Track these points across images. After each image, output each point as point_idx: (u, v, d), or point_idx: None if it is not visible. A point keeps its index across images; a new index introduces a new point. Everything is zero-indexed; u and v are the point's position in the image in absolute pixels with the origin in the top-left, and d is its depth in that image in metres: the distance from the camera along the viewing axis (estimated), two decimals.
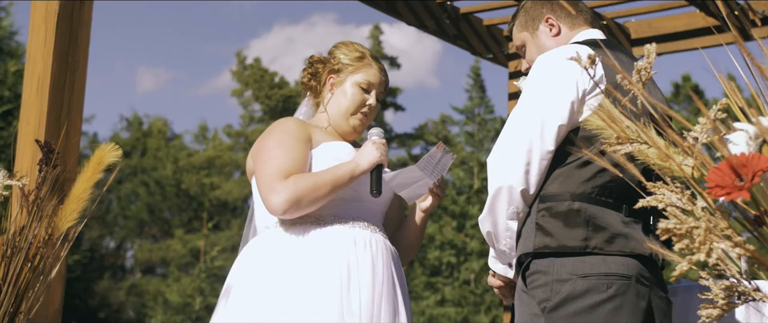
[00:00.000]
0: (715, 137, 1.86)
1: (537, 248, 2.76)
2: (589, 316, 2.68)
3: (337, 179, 3.04)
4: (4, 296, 3.12)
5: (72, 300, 25.23)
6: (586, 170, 2.77)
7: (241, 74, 34.80)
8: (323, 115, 3.32)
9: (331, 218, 3.09)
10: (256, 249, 3.13)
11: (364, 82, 3.29)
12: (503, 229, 2.85)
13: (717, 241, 1.74)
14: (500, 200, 2.80)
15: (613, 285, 2.69)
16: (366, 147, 3.14)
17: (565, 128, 2.77)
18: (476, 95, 32.26)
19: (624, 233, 2.74)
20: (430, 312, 27.73)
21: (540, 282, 2.76)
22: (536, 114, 2.78)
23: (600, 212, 2.75)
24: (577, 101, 2.77)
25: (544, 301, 2.74)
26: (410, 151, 32.84)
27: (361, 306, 2.96)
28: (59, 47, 3.93)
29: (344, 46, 3.37)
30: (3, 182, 3.15)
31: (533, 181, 2.77)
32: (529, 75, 2.91)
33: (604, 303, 2.68)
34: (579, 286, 2.70)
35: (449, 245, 28.79)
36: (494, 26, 6.52)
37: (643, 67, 2.00)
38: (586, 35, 3.01)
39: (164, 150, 35.29)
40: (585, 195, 2.75)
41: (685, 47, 6.35)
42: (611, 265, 2.71)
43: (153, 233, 34.85)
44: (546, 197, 2.79)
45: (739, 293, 1.84)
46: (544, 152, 2.76)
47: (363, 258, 3.04)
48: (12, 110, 20.49)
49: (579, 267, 2.71)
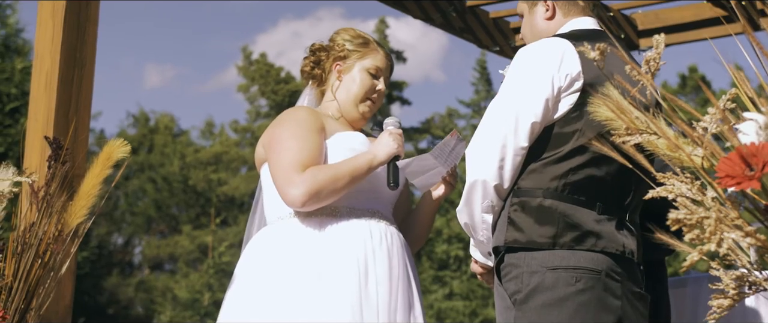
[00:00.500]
0: (724, 127, 1.86)
1: (507, 242, 2.79)
2: (558, 309, 2.69)
3: (355, 171, 3.02)
4: (15, 292, 3.13)
5: (81, 297, 25.28)
6: (559, 167, 2.79)
7: (247, 70, 34.81)
8: (331, 103, 3.29)
9: (346, 211, 3.07)
10: (269, 240, 3.09)
11: (372, 67, 3.27)
12: (479, 221, 2.87)
13: (727, 231, 1.74)
14: (476, 194, 2.83)
15: (581, 278, 2.71)
16: (383, 138, 3.12)
17: (538, 125, 2.79)
18: (482, 88, 32.24)
19: (595, 232, 2.75)
20: (439, 306, 27.74)
21: (512, 275, 2.78)
22: (511, 109, 2.79)
23: (572, 210, 2.76)
24: (552, 98, 2.78)
25: (515, 293, 2.76)
26: (417, 145, 32.83)
27: (379, 300, 2.96)
28: (67, 44, 3.93)
29: (346, 33, 3.34)
30: (12, 179, 3.16)
31: (507, 176, 2.80)
32: (509, 67, 2.93)
33: (572, 296, 2.70)
34: (548, 278, 2.72)
35: (457, 238, 28.78)
36: (501, 19, 6.51)
37: (652, 57, 1.99)
38: (578, 24, 3.01)
39: (171, 146, 35.33)
40: (556, 192, 2.77)
41: (692, 38, 6.32)
42: (580, 259, 2.73)
43: (161, 229, 34.91)
44: (519, 191, 2.81)
45: (749, 283, 1.84)
46: (517, 148, 2.78)
47: (380, 252, 3.03)
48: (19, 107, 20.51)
49: (548, 260, 2.73)
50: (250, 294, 3.00)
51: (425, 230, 3.36)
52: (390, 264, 3.04)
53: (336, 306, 2.90)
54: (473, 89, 32.68)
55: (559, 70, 2.78)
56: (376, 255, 3.02)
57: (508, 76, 2.89)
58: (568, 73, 2.77)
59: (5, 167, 3.17)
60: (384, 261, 3.03)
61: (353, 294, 2.92)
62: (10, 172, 3.17)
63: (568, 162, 2.78)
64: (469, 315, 27.64)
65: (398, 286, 3.03)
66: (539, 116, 2.77)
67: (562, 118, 2.79)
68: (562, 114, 2.79)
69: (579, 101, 2.76)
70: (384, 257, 3.03)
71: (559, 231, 2.74)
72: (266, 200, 3.20)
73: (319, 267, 2.96)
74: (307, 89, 3.42)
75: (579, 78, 2.77)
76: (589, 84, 2.73)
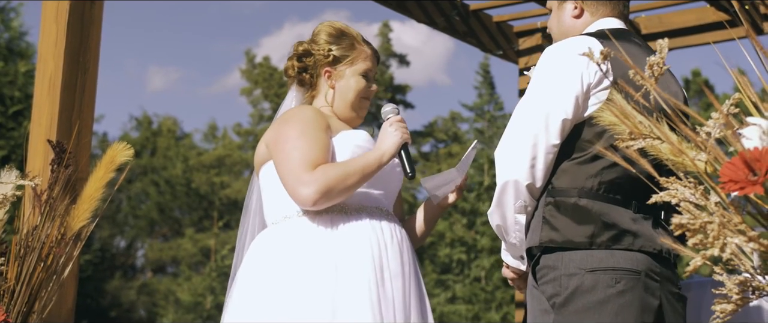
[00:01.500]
0: (728, 131, 1.85)
1: (543, 242, 2.77)
2: (599, 312, 2.67)
3: (366, 168, 3.00)
4: (18, 295, 3.13)
5: (83, 300, 25.29)
6: (593, 165, 2.76)
7: (250, 73, 34.83)
8: (326, 108, 3.24)
9: (356, 208, 3.05)
10: (280, 238, 3.04)
11: (363, 70, 3.24)
12: (512, 223, 2.85)
13: (731, 236, 1.73)
14: (507, 195, 2.81)
15: (621, 279, 2.68)
16: (385, 131, 3.09)
17: (569, 122, 2.77)
18: (486, 91, 32.22)
19: (632, 231, 2.73)
20: (441, 310, 27.71)
21: (549, 278, 2.76)
22: (541, 108, 2.78)
23: (607, 209, 2.74)
24: (582, 94, 2.76)
25: (554, 297, 2.73)
26: (420, 148, 32.83)
27: (395, 296, 2.96)
28: (70, 47, 3.94)
29: (326, 34, 3.26)
30: (16, 182, 3.16)
31: (539, 175, 2.77)
32: (536, 68, 2.91)
33: (613, 298, 2.67)
34: (587, 280, 2.69)
35: (460, 242, 28.76)
36: (504, 23, 6.51)
37: (656, 62, 1.99)
38: (604, 24, 3.00)
39: (174, 149, 35.34)
40: (592, 192, 2.75)
41: (695, 42, 6.32)
42: (619, 260, 2.70)
43: (163, 232, 34.91)
44: (554, 191, 2.79)
45: (753, 288, 1.84)
46: (549, 145, 2.76)
47: (391, 248, 3.03)
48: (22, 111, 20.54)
49: (587, 262, 2.71)
50: (264, 295, 2.95)
51: (426, 232, 3.34)
52: (402, 259, 3.04)
53: (356, 303, 2.88)
54: (476, 93, 32.67)
55: (588, 68, 2.76)
56: (389, 250, 3.02)
57: (536, 76, 2.88)
58: (597, 71, 2.75)
59: (8, 171, 3.17)
60: (396, 256, 3.03)
61: (372, 290, 2.91)
62: (13, 175, 3.17)
63: (602, 161, 2.75)
64: (472, 319, 27.61)
65: (410, 281, 3.03)
66: (570, 113, 2.76)
67: (592, 116, 2.77)
68: (592, 112, 2.77)
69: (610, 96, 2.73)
70: (396, 253, 3.03)
71: (596, 231, 2.72)
72: (269, 200, 3.16)
73: (335, 264, 2.93)
74: (292, 91, 3.35)
75: (608, 75, 2.76)
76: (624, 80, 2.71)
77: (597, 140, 2.75)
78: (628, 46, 2.88)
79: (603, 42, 2.78)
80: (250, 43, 58.34)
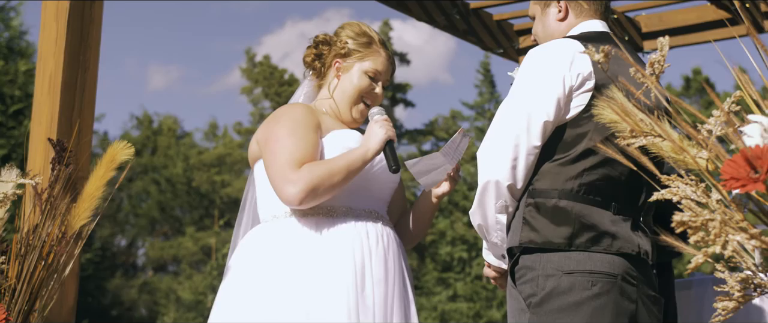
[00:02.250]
0: (729, 129, 1.85)
1: (523, 242, 2.78)
2: (573, 313, 2.69)
3: (351, 165, 3.00)
4: (19, 294, 3.13)
5: (84, 299, 25.31)
6: (574, 167, 2.78)
7: (250, 71, 34.84)
8: (327, 100, 3.25)
9: (342, 210, 3.05)
10: (264, 239, 3.07)
11: (371, 70, 3.22)
12: (493, 222, 2.87)
13: (732, 233, 1.73)
14: (488, 195, 2.83)
15: (597, 282, 2.71)
16: (371, 129, 3.08)
17: (551, 124, 2.79)
18: (486, 90, 32.22)
19: (611, 233, 2.75)
20: (442, 308, 27.73)
21: (527, 278, 2.78)
22: (523, 109, 2.79)
23: (587, 211, 2.76)
24: (564, 97, 2.78)
25: (531, 296, 2.76)
26: (420, 147, 32.83)
27: (375, 301, 2.95)
28: (70, 46, 3.93)
29: (351, 29, 3.28)
30: (16, 181, 3.16)
31: (520, 176, 2.79)
32: (520, 69, 2.92)
33: (588, 301, 2.69)
34: (564, 282, 2.71)
35: (461, 240, 28.78)
36: (504, 21, 6.51)
37: (656, 60, 1.99)
38: (588, 26, 3.01)
39: (175, 148, 35.37)
40: (572, 193, 2.77)
41: (696, 40, 6.31)
42: (597, 263, 2.72)
43: (164, 231, 34.93)
44: (534, 192, 2.81)
45: (754, 285, 1.84)
46: (530, 147, 2.78)
47: (376, 253, 3.02)
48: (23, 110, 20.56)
49: (564, 264, 2.73)
50: (244, 294, 2.98)
51: (424, 227, 3.33)
52: (386, 265, 3.03)
53: (332, 308, 2.89)
54: (477, 92, 32.66)
55: (570, 70, 2.78)
56: (373, 256, 3.01)
57: (519, 77, 2.89)
58: (580, 73, 2.77)
59: (9, 170, 3.17)
60: (380, 262, 3.02)
61: (350, 295, 2.91)
62: (14, 174, 3.17)
63: (583, 163, 2.77)
64: (473, 317, 27.63)
65: (394, 287, 3.02)
66: (551, 114, 2.77)
67: (574, 118, 2.79)
68: (574, 115, 2.78)
69: (591, 101, 2.75)
70: (380, 258, 3.02)
71: (575, 232, 2.74)
72: (260, 198, 3.17)
73: (315, 268, 2.95)
74: (306, 80, 3.38)
75: (590, 78, 2.77)
76: (601, 84, 2.72)
77: (579, 142, 2.77)
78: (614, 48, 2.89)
79: (586, 45, 2.78)
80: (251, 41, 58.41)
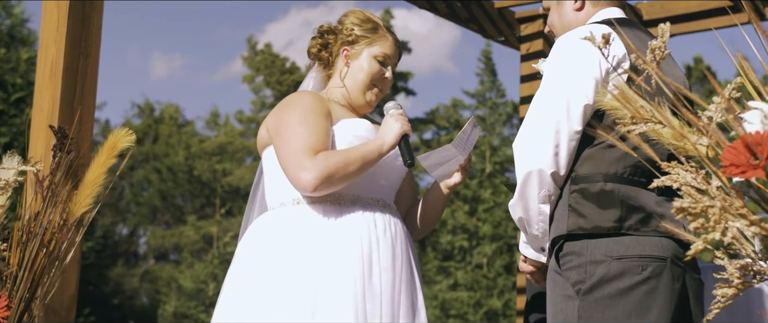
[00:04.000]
0: (729, 116, 1.85)
1: (571, 229, 2.73)
2: (624, 298, 2.65)
3: (366, 156, 3.00)
4: (20, 281, 3.14)
5: (86, 287, 25.34)
6: (616, 149, 2.72)
7: (251, 60, 34.81)
8: (338, 89, 3.26)
9: (350, 199, 3.05)
10: (272, 226, 3.06)
11: (380, 54, 3.24)
12: (535, 213, 2.81)
13: (732, 220, 1.73)
14: (531, 185, 2.75)
15: (648, 266, 2.66)
16: (386, 123, 3.10)
17: (591, 107, 2.73)
18: (487, 78, 32.19)
19: (659, 213, 2.70)
20: (443, 297, 27.76)
21: (574, 264, 2.72)
22: (561, 94, 2.73)
23: (634, 192, 2.71)
24: (601, 80, 2.73)
25: (579, 283, 2.70)
26: (421, 135, 32.83)
27: (383, 290, 2.95)
28: (72, 32, 3.93)
29: (355, 16, 3.29)
30: (17, 168, 3.16)
31: (563, 163, 2.73)
32: (550, 57, 2.89)
33: (639, 285, 2.65)
34: (614, 268, 2.66)
35: (461, 229, 28.79)
36: (505, 9, 6.49)
37: (657, 46, 1.99)
38: (607, 14, 2.98)
39: (176, 137, 35.38)
40: (617, 176, 2.72)
41: (697, 28, 6.30)
42: (646, 247, 2.68)
43: (166, 219, 34.96)
44: (578, 178, 2.76)
45: (754, 272, 1.84)
46: (571, 132, 2.72)
47: (384, 241, 3.02)
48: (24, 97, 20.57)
49: (613, 249, 2.68)
50: (251, 280, 2.98)
51: (435, 217, 3.33)
52: (394, 253, 3.03)
53: (339, 295, 2.89)
54: (478, 80, 32.63)
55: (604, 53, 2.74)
56: (380, 244, 3.01)
57: (552, 65, 2.84)
58: (615, 55, 2.72)
59: (10, 157, 3.18)
60: (388, 250, 3.02)
61: (357, 282, 2.91)
62: (15, 161, 3.17)
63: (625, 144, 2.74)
64: (474, 306, 27.66)
65: (402, 276, 3.02)
66: (591, 98, 2.71)
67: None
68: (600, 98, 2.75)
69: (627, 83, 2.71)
70: (388, 246, 3.02)
71: (623, 215, 2.69)
72: (269, 185, 3.17)
73: (322, 255, 2.94)
74: (312, 71, 3.38)
75: (625, 60, 2.73)
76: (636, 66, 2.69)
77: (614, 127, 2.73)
78: (635, 32, 2.87)
79: (614, 30, 2.76)
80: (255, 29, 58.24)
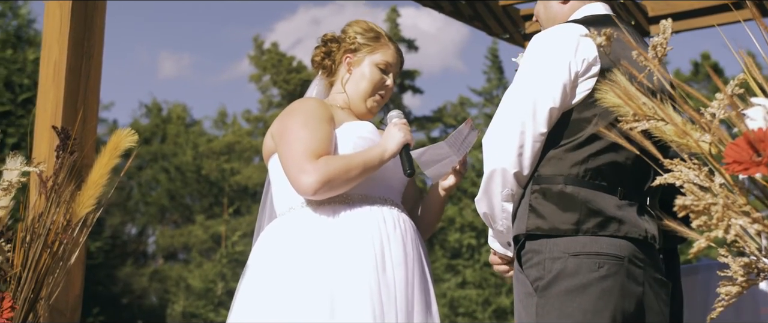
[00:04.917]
0: (732, 112, 1.84)
1: (529, 229, 2.77)
2: (581, 295, 2.68)
3: (368, 162, 3.04)
4: (25, 282, 3.14)
5: (95, 287, 25.39)
6: (579, 152, 2.77)
7: (258, 59, 34.84)
8: (340, 95, 3.30)
9: (358, 198, 3.08)
10: (283, 230, 3.08)
11: (382, 62, 3.28)
12: (499, 210, 2.86)
13: (735, 217, 1.72)
14: (494, 183, 2.81)
15: (604, 264, 2.69)
16: (389, 131, 3.13)
17: (557, 110, 2.77)
18: (494, 76, 32.17)
19: (618, 217, 2.74)
20: (452, 295, 27.76)
21: (533, 262, 2.77)
22: (528, 96, 2.77)
23: (593, 196, 2.75)
24: (569, 83, 2.76)
25: (538, 280, 2.74)
26: (429, 134, 32.82)
27: (396, 284, 2.97)
28: (74, 33, 3.93)
29: (358, 25, 3.35)
30: (21, 169, 3.16)
31: (526, 163, 2.78)
32: (525, 54, 2.91)
33: (595, 283, 2.68)
34: (570, 264, 2.70)
35: (470, 227, 28.79)
36: (510, 6, 6.48)
37: (659, 42, 1.98)
38: (591, 9, 2.99)
39: (184, 136, 35.42)
40: (578, 178, 2.76)
41: (703, 24, 6.29)
42: (603, 245, 2.71)
43: (174, 219, 35.02)
44: (540, 178, 2.80)
45: (758, 270, 1.83)
46: (536, 134, 2.76)
47: (394, 237, 3.04)
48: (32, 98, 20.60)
49: (571, 246, 2.72)
50: (266, 285, 2.99)
51: (435, 219, 3.36)
52: (405, 248, 3.05)
53: (355, 293, 2.90)
54: (485, 78, 32.61)
55: (575, 56, 2.76)
56: (391, 239, 3.03)
57: (524, 64, 2.88)
58: (585, 58, 2.75)
59: (14, 157, 3.18)
60: (399, 245, 3.04)
61: (371, 278, 2.93)
62: (19, 162, 3.17)
63: (588, 148, 2.76)
64: (482, 304, 27.67)
65: (414, 270, 3.04)
66: (557, 101, 2.75)
67: (580, 103, 2.77)
68: (580, 100, 2.77)
69: (596, 86, 2.72)
70: (399, 241, 3.04)
71: (581, 217, 2.73)
72: (276, 192, 3.20)
73: (335, 251, 2.97)
74: (316, 78, 3.43)
75: (595, 63, 2.76)
76: (606, 69, 2.71)
77: (584, 127, 2.76)
78: (619, 31, 2.86)
79: (589, 29, 2.76)
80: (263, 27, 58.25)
